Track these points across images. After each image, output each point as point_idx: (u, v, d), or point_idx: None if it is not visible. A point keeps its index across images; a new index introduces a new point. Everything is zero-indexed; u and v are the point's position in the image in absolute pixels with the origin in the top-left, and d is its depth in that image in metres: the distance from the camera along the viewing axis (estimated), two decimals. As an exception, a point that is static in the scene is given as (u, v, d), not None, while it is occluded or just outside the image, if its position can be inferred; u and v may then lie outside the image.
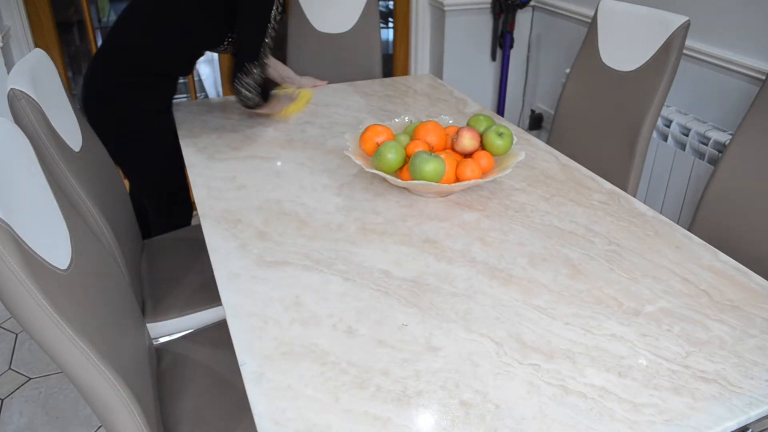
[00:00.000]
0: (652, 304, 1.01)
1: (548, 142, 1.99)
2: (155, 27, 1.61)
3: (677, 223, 1.26)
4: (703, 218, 1.53)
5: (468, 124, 1.46)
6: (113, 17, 5.05)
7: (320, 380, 0.85)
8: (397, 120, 1.51)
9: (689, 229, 1.55)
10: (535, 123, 3.07)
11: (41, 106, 1.17)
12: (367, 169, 1.28)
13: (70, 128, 1.33)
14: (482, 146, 1.38)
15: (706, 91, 2.10)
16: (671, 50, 1.62)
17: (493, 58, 2.98)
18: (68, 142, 1.27)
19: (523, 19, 2.95)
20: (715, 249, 1.17)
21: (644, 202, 1.39)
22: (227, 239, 1.17)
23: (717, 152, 1.93)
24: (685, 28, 1.60)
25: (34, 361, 1.95)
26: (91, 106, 1.64)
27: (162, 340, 1.38)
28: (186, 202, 1.89)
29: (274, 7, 1.57)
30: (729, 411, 0.81)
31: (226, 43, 1.71)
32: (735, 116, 2.00)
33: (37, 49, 1.33)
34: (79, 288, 0.88)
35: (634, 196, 1.73)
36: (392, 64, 3.06)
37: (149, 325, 1.39)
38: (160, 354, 1.30)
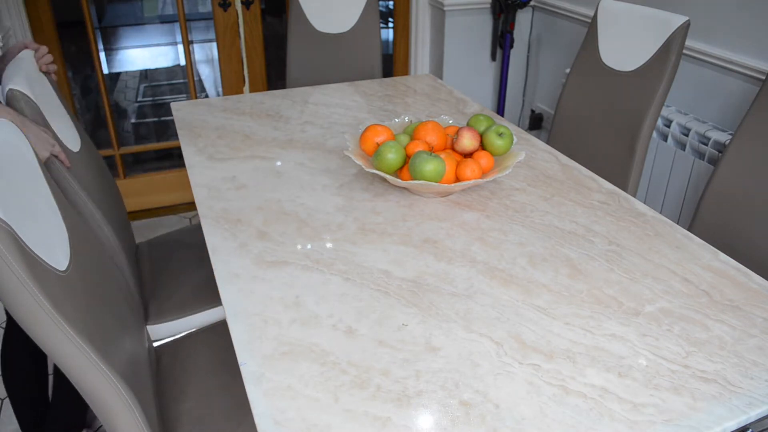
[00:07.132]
0: (652, 304, 1.01)
1: (548, 142, 1.99)
2: None
3: (677, 223, 1.26)
4: (703, 218, 1.53)
5: (468, 124, 1.46)
6: (113, 17, 5.05)
7: (320, 380, 0.85)
8: (397, 120, 1.50)
9: (689, 229, 1.55)
10: (535, 123, 3.07)
11: (39, 107, 1.17)
12: (367, 169, 1.28)
13: (68, 129, 1.33)
14: (482, 146, 1.38)
15: (706, 91, 2.10)
16: (671, 50, 1.62)
17: (493, 58, 2.98)
18: (67, 143, 1.27)
19: (523, 19, 2.95)
20: (715, 249, 1.17)
21: (644, 202, 1.39)
22: (227, 239, 1.17)
23: (717, 152, 1.93)
24: (685, 28, 1.60)
25: (34, 361, 1.95)
26: None
27: (162, 340, 1.38)
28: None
29: None
30: (729, 411, 0.81)
31: None
32: (735, 116, 2.00)
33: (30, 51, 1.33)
34: (79, 289, 0.88)
35: (634, 196, 1.73)
36: (392, 64, 3.06)
37: (149, 326, 1.39)
38: (160, 354, 1.30)
